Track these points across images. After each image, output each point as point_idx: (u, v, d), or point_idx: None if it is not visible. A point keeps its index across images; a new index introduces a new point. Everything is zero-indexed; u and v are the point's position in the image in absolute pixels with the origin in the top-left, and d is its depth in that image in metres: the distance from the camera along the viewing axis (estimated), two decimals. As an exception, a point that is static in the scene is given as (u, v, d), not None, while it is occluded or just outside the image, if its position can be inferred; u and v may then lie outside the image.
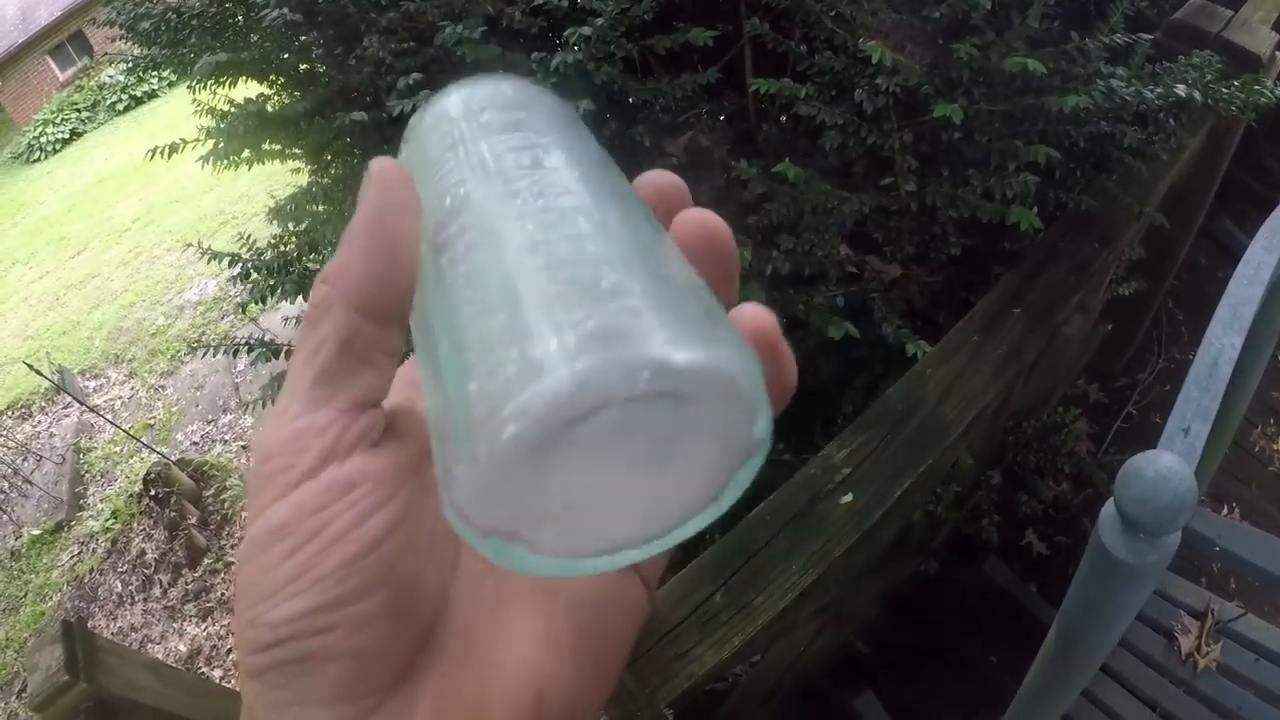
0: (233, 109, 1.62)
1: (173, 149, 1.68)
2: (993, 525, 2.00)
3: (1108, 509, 0.88)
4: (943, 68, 1.27)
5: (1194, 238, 2.67)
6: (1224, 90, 1.46)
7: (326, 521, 0.23)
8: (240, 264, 1.60)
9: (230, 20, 1.52)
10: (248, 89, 1.74)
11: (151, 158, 1.72)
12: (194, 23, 1.58)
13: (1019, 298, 1.49)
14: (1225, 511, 2.65)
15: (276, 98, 1.51)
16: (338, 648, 0.23)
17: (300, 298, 1.52)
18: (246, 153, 1.48)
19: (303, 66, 1.46)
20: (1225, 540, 1.70)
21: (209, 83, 1.54)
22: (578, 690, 0.26)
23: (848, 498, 1.20)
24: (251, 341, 1.58)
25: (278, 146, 1.56)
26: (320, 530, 0.23)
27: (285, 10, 1.33)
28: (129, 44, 1.90)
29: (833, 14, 1.30)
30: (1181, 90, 1.34)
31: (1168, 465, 0.80)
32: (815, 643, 1.65)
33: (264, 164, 1.73)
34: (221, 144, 1.46)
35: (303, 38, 1.41)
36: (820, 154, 1.42)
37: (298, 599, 0.23)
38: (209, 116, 1.80)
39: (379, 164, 0.26)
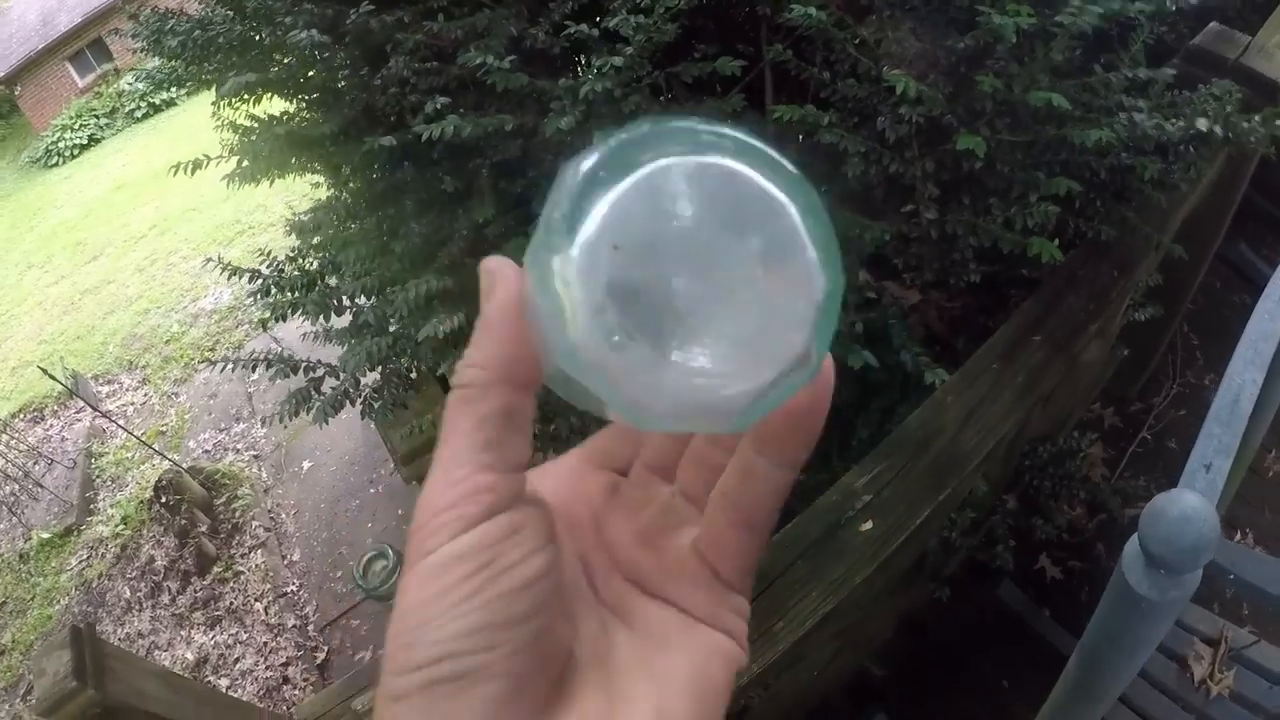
0: (256, 126, 1.64)
1: (196, 165, 1.70)
2: (1007, 551, 1.99)
3: (1131, 546, 0.88)
4: (965, 97, 1.28)
5: (1210, 262, 2.67)
6: (1244, 124, 1.46)
7: (500, 553, 0.27)
8: (260, 280, 1.61)
9: (255, 39, 1.53)
10: (271, 105, 1.76)
11: (175, 173, 1.73)
12: (219, 40, 1.60)
13: (1038, 325, 1.49)
14: (1238, 537, 2.63)
15: (301, 116, 1.52)
16: (497, 666, 0.26)
17: (322, 318, 1.53)
18: (272, 171, 1.49)
19: (328, 85, 1.48)
20: (1239, 568, 1.69)
21: (233, 100, 1.56)
22: (683, 706, 0.30)
23: (867, 525, 1.20)
24: (270, 357, 1.59)
25: (300, 163, 1.58)
26: (494, 560, 0.26)
27: (313, 32, 1.35)
28: (151, 56, 1.93)
29: (856, 41, 1.31)
30: (1203, 125, 1.34)
31: (1192, 506, 0.81)
32: (831, 665, 1.65)
33: (285, 178, 1.75)
34: (246, 163, 1.48)
35: (328, 56, 1.43)
36: (841, 177, 1.42)
37: (471, 616, 0.26)
38: (230, 131, 1.82)
39: (494, 266, 0.29)
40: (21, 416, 7.58)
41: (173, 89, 16.18)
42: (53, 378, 5.97)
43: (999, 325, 1.70)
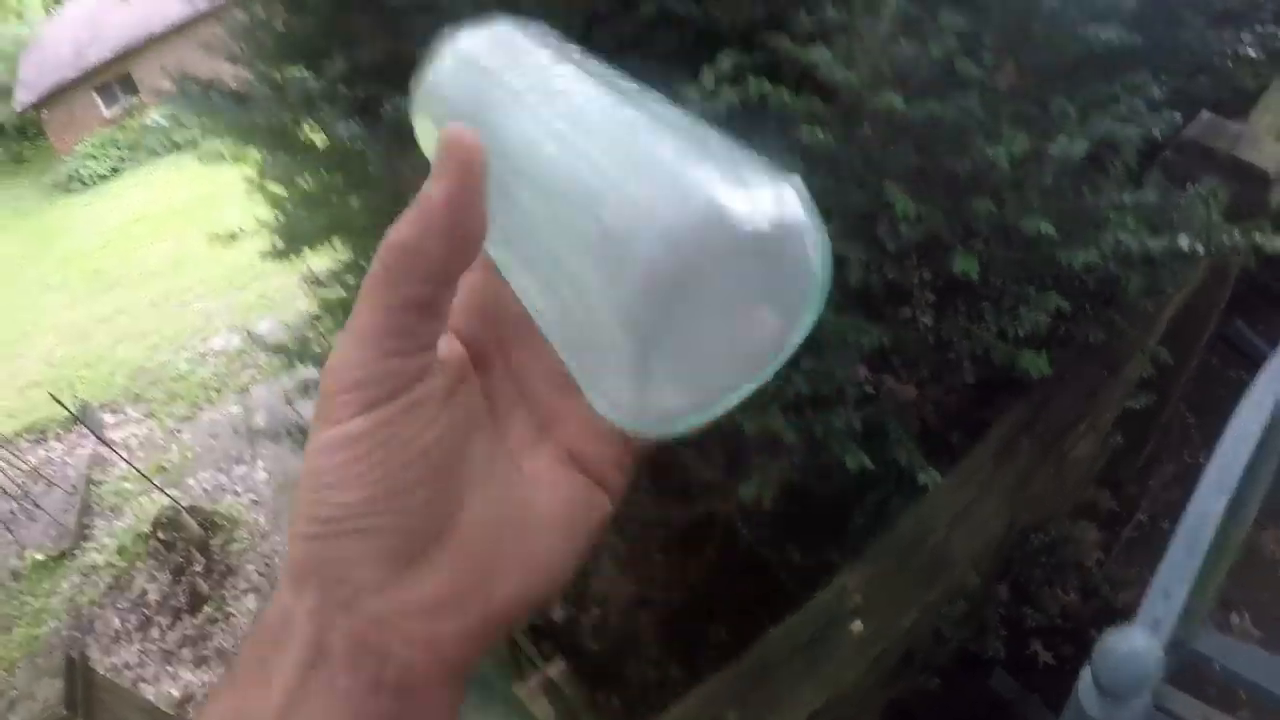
0: (291, 202, 1.72)
1: (231, 236, 1.79)
2: (999, 640, 2.02)
3: (1085, 673, 1.00)
4: (962, 214, 1.36)
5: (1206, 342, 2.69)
6: (1225, 239, 1.53)
7: (396, 431, 0.30)
8: (287, 356, 1.68)
9: (296, 123, 1.63)
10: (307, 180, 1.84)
11: (213, 243, 1.83)
12: (261, 124, 1.69)
13: (1028, 428, 1.55)
14: (1235, 619, 2.63)
15: (337, 197, 1.61)
16: (387, 526, 0.30)
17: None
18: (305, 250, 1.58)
19: (363, 172, 1.57)
20: (1230, 660, 1.71)
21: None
22: (559, 554, 0.34)
23: (858, 625, 1.25)
24: (292, 429, 1.65)
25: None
26: (389, 439, 0.30)
27: (352, 122, 1.44)
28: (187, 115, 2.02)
29: (862, 158, 1.40)
30: (1184, 243, 1.42)
31: (1138, 644, 0.94)
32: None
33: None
34: (281, 245, 1.56)
35: (365, 144, 1.51)
36: (842, 281, 1.50)
37: (369, 487, 0.30)
38: (263, 197, 1.90)
39: (457, 138, 0.30)
40: (25, 436, 7.65)
41: (194, 127, 16.55)
42: (62, 405, 6.03)
43: (993, 419, 1.76)
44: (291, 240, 1.56)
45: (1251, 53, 2.34)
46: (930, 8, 1.48)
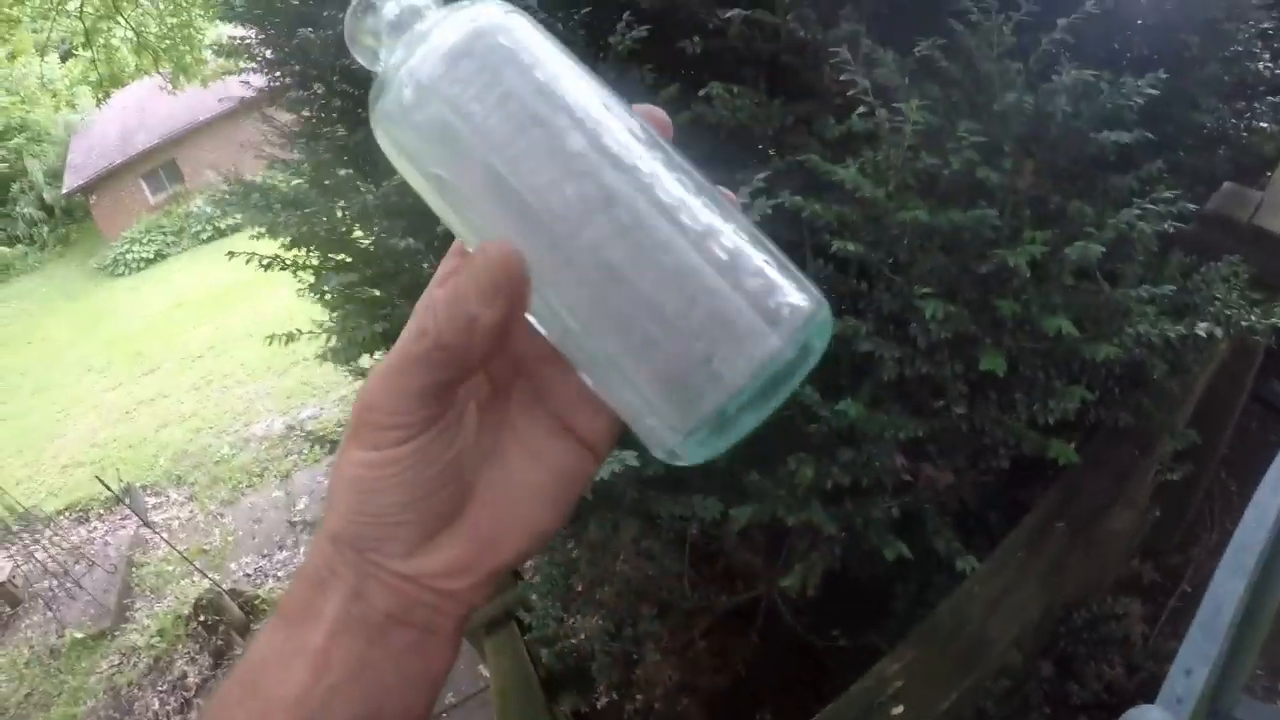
0: (348, 306, 1.83)
1: (289, 338, 1.90)
2: (1042, 718, 2.00)
3: None
4: (988, 313, 1.43)
5: (1243, 403, 2.67)
6: (1244, 323, 1.58)
7: (425, 456, 0.36)
8: (333, 449, 1.76)
9: (351, 237, 1.74)
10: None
11: (270, 343, 1.94)
12: (320, 234, 1.81)
13: (1061, 512, 1.58)
14: None
15: (392, 309, 1.71)
16: (415, 520, 0.37)
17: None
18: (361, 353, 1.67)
19: (417, 282, 1.67)
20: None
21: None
22: (551, 519, 0.40)
23: (898, 710, 1.28)
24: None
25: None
26: (420, 462, 0.36)
27: (410, 240, 1.55)
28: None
29: (890, 261, 1.48)
30: (1203, 330, 1.47)
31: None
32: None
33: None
34: (338, 346, 1.66)
35: (420, 260, 1.62)
36: (877, 377, 1.56)
37: (401, 495, 0.36)
38: (322, 304, 2.02)
39: (508, 262, 0.34)
40: (67, 515, 7.73)
41: (235, 215, 17.07)
42: (106, 487, 6.14)
43: (1029, 499, 1.78)
44: (349, 345, 1.66)
45: (1264, 125, 2.42)
46: (950, 116, 1.58)
